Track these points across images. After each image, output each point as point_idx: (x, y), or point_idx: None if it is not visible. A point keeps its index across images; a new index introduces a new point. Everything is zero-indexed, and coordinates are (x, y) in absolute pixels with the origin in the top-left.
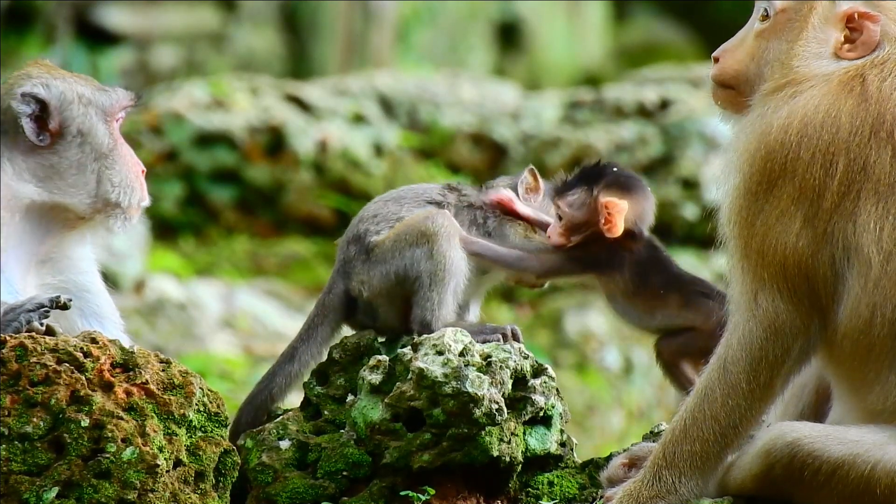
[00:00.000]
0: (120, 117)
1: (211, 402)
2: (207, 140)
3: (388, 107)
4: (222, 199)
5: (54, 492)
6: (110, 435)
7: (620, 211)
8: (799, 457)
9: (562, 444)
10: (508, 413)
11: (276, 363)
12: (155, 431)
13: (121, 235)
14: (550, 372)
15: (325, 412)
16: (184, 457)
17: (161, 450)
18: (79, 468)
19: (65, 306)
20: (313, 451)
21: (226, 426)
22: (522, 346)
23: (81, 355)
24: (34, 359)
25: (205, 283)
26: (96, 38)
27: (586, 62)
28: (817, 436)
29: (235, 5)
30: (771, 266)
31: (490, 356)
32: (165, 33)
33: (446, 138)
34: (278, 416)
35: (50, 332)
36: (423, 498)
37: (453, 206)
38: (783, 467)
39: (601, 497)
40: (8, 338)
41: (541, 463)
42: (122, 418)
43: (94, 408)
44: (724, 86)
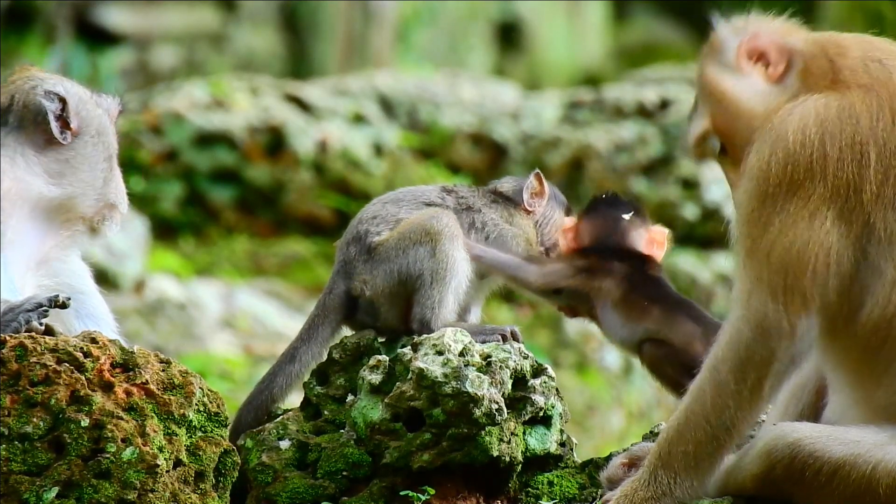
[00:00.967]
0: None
1: (211, 402)
2: (207, 140)
3: (388, 107)
4: (222, 199)
5: (54, 492)
6: (110, 435)
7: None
8: (800, 457)
9: (562, 444)
10: (508, 413)
11: (277, 363)
12: (155, 431)
13: (120, 235)
14: (550, 372)
15: (325, 412)
16: (184, 457)
17: (161, 450)
18: (79, 468)
19: (63, 305)
20: (313, 451)
21: (226, 426)
22: (522, 346)
23: (81, 355)
24: (34, 359)
25: (205, 283)
26: (96, 38)
27: (586, 62)
28: (818, 436)
29: (235, 5)
30: (773, 265)
31: (490, 356)
32: (165, 33)
33: (446, 138)
34: (278, 416)
35: (49, 331)
36: (423, 498)
37: (452, 208)
38: (784, 468)
39: (601, 497)
40: (8, 338)
41: (541, 463)
42: (122, 418)
43: (94, 408)
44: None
